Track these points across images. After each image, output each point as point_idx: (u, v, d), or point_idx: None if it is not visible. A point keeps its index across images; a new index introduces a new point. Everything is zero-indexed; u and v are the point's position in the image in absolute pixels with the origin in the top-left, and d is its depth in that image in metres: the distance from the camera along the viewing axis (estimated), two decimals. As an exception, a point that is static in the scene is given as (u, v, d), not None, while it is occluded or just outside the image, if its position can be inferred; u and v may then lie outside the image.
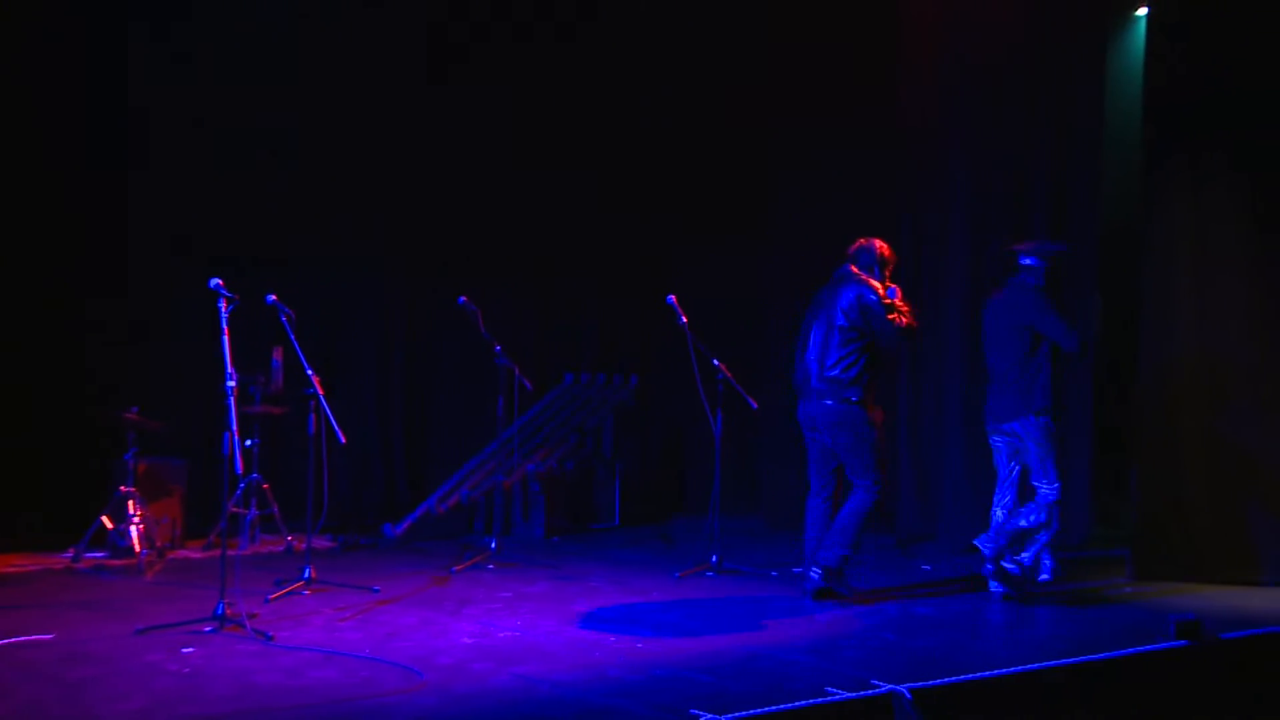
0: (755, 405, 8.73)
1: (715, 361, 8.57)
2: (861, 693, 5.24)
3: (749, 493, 11.23)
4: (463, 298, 8.89)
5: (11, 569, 8.27)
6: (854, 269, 7.75)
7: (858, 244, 7.89)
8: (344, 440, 7.16)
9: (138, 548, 8.32)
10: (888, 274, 7.80)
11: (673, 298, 8.58)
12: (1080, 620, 7.20)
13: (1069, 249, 8.37)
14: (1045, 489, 7.68)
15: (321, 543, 9.27)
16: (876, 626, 6.91)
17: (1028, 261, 7.86)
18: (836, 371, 7.55)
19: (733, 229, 11.64)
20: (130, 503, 8.44)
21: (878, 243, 7.85)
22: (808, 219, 10.78)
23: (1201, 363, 8.43)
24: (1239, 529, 8.34)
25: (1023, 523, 7.68)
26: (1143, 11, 9.77)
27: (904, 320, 7.60)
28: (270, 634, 6.41)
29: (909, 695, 5.12)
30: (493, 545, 8.91)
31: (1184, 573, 8.27)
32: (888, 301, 7.58)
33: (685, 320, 8.53)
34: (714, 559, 8.49)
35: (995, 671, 5.59)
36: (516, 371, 9.00)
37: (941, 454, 9.97)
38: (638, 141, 11.58)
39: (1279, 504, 8.34)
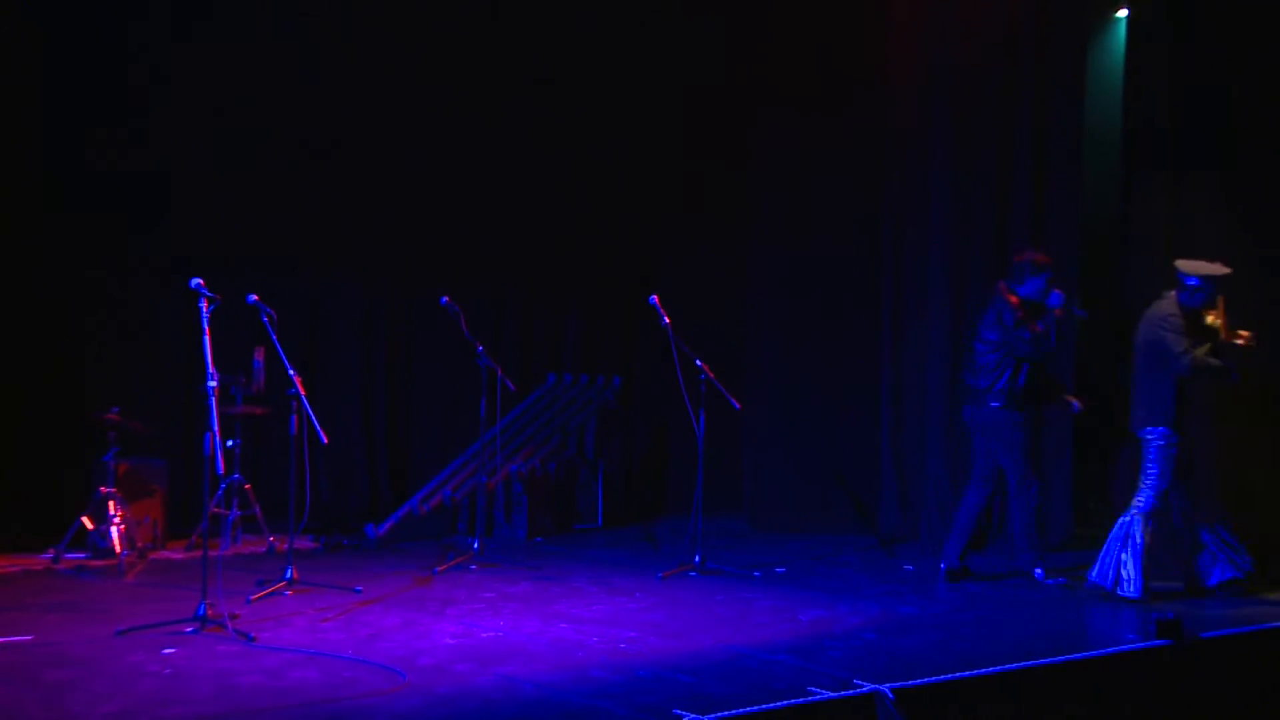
0: (738, 405, 8.74)
1: (698, 362, 8.58)
2: (844, 693, 5.25)
3: (732, 493, 11.23)
4: (445, 298, 8.89)
5: (-9, 570, 8.24)
6: (1000, 286, 8.25)
7: (1012, 261, 8.34)
8: (326, 441, 7.14)
9: (118, 548, 8.28)
10: (1047, 280, 8.11)
11: (655, 298, 8.60)
12: (1062, 619, 7.22)
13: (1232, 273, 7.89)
14: (1139, 500, 7.72)
15: (304, 543, 9.24)
16: (859, 626, 6.92)
17: (1189, 281, 7.72)
18: (981, 381, 8.25)
19: (716, 230, 11.65)
20: (111, 503, 8.40)
21: (1029, 256, 8.22)
22: (792, 220, 10.79)
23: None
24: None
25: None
26: (1123, 13, 9.81)
27: (1035, 329, 8.03)
28: (252, 635, 6.39)
29: (891, 695, 5.13)
30: (475, 546, 8.90)
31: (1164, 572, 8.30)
32: (1020, 315, 8.05)
33: (668, 321, 8.54)
34: (697, 559, 8.49)
35: (977, 671, 5.60)
36: (499, 372, 8.99)
37: (923, 456, 9.99)
38: (622, 142, 11.57)
39: (1251, 504, 8.35)
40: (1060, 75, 9.56)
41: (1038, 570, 8.18)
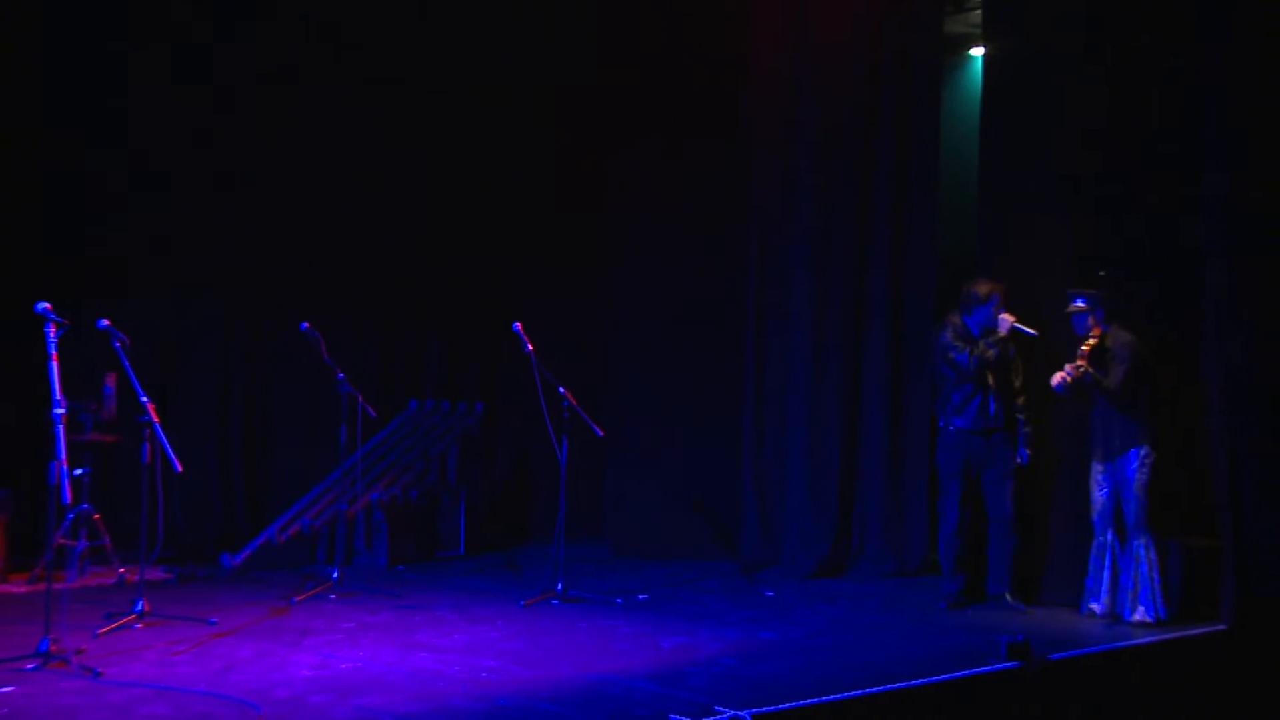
0: (601, 433, 8.78)
1: (561, 389, 8.59)
2: (704, 719, 5.28)
3: (596, 520, 11.23)
4: (305, 324, 8.76)
5: None
6: (952, 314, 8.56)
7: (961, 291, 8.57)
8: (180, 469, 6.96)
9: (-43, 582, 7.99)
10: (996, 307, 8.35)
11: (518, 325, 8.59)
12: (919, 643, 7.35)
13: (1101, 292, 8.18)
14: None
15: (156, 574, 8.99)
16: (720, 653, 6.96)
17: (1077, 302, 8.07)
18: (937, 404, 8.63)
19: (580, 258, 11.65)
20: (-51, 535, 8.10)
21: (976, 285, 8.44)
22: (655, 250, 10.84)
23: (1032, 398, 8.61)
24: (1056, 549, 8.59)
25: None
26: (977, 51, 10.07)
27: (972, 352, 8.28)
28: (98, 670, 6.19)
29: (750, 721, 5.18)
30: (335, 575, 8.76)
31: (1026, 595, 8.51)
32: (958, 342, 8.35)
33: (531, 347, 8.54)
34: (560, 587, 8.48)
35: (836, 696, 5.68)
36: (360, 399, 8.88)
37: (784, 481, 10.08)
38: (483, 170, 11.51)
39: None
40: (918, 110, 9.78)
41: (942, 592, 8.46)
